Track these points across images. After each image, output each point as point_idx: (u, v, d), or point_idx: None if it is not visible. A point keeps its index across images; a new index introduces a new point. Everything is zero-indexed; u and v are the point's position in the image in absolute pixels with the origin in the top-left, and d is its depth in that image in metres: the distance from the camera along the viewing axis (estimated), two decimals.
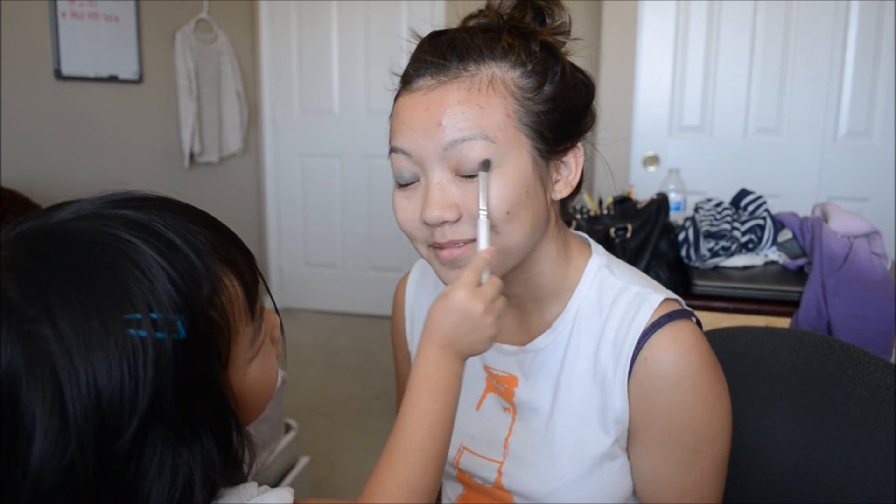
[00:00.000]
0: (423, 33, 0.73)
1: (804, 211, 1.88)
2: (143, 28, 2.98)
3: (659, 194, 1.76)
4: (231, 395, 0.51)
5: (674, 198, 2.03)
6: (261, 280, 0.57)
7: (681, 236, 1.69)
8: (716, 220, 1.72)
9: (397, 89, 0.71)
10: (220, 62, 3.43)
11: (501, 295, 0.64)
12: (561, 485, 0.74)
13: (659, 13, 2.70)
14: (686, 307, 0.76)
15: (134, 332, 0.44)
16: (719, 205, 1.79)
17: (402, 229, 0.72)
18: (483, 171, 0.65)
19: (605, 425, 0.73)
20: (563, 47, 0.72)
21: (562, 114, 0.69)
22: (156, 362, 0.44)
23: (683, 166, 2.32)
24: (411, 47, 0.72)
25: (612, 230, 1.66)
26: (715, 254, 1.67)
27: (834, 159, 2.65)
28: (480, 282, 0.63)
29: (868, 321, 1.48)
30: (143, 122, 3.06)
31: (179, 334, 0.46)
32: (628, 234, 1.65)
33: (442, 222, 0.67)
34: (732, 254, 1.69)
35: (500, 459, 0.79)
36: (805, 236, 1.66)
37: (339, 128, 3.77)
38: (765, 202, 1.77)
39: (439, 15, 3.42)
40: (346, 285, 3.92)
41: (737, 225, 1.70)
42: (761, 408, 0.95)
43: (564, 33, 0.73)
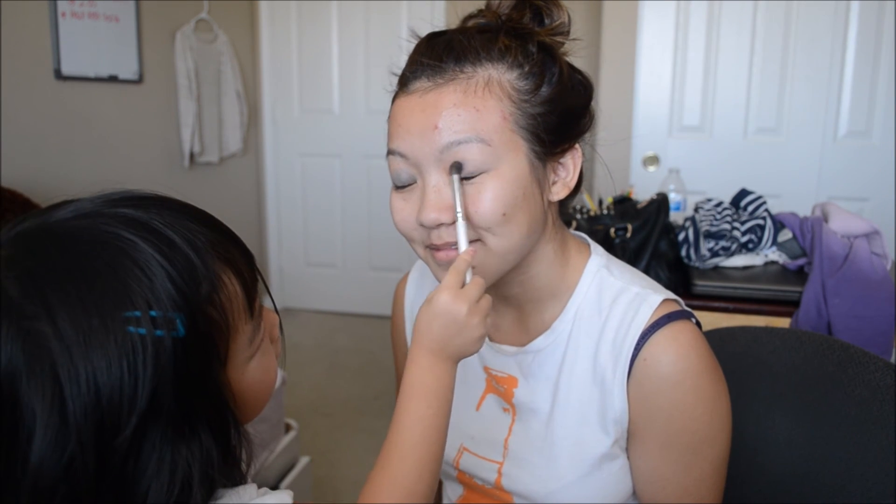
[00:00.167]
0: (423, 33, 0.72)
1: (804, 211, 1.88)
2: (143, 28, 2.98)
3: (659, 194, 1.76)
4: (230, 393, 0.51)
5: (674, 198, 2.03)
6: (260, 279, 0.57)
7: (681, 236, 1.69)
8: (716, 220, 1.72)
9: (394, 91, 0.71)
10: (220, 62, 3.43)
11: (487, 294, 0.64)
12: (561, 485, 0.74)
13: (659, 13, 2.70)
14: (685, 308, 0.75)
15: (133, 329, 0.44)
16: (719, 205, 1.79)
17: (399, 230, 0.72)
18: (455, 174, 0.65)
19: (605, 426, 0.73)
20: (562, 48, 0.72)
21: (559, 115, 0.69)
22: (155, 360, 0.44)
23: (683, 166, 2.32)
24: (410, 47, 0.72)
25: (612, 230, 1.66)
26: (715, 254, 1.67)
27: (834, 159, 2.64)
28: (465, 283, 0.63)
29: (868, 321, 1.48)
30: (143, 122, 3.06)
31: (179, 332, 0.46)
32: (628, 234, 1.65)
33: (438, 224, 0.67)
34: (732, 254, 1.69)
35: (499, 460, 0.79)
36: (805, 236, 1.66)
37: (339, 128, 3.77)
38: (765, 202, 1.77)
39: (439, 15, 3.42)
40: (346, 285, 3.92)
41: (737, 225, 1.70)
42: (761, 408, 0.95)
43: (563, 34, 0.72)
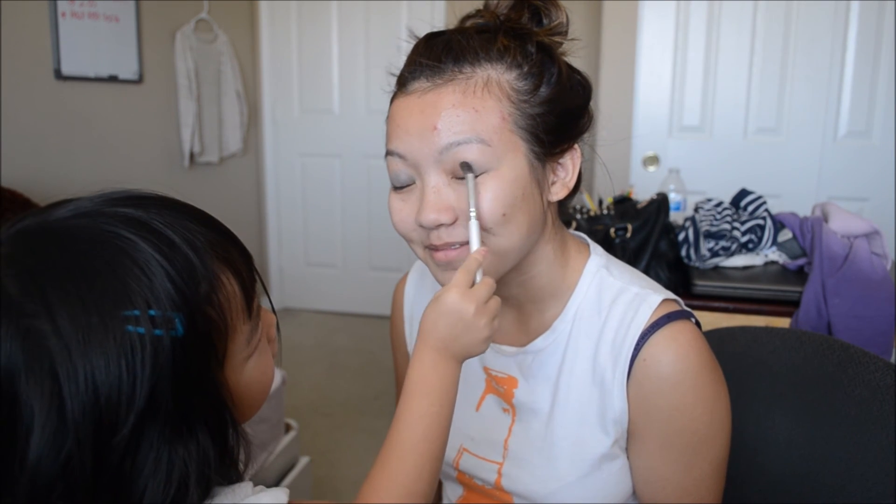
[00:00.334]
0: (422, 34, 0.72)
1: (804, 211, 1.88)
2: (143, 28, 2.98)
3: (659, 194, 1.76)
4: (227, 392, 0.51)
5: (674, 198, 2.03)
6: (258, 279, 0.57)
7: (681, 236, 1.69)
8: (716, 220, 1.72)
9: (393, 91, 0.71)
10: (220, 62, 3.43)
11: (496, 296, 0.64)
12: (561, 485, 0.74)
13: (659, 13, 2.70)
14: (685, 308, 0.75)
15: (132, 328, 0.44)
16: (719, 205, 1.79)
17: (398, 231, 0.72)
18: (469, 173, 0.65)
19: (605, 426, 0.73)
20: (561, 48, 0.72)
21: (558, 116, 0.69)
22: (153, 359, 0.44)
23: (683, 166, 2.32)
24: (409, 48, 0.72)
25: (612, 230, 1.66)
26: (715, 254, 1.67)
27: (834, 159, 2.64)
28: (474, 283, 0.63)
29: (868, 321, 1.48)
30: (143, 122, 3.06)
31: (177, 331, 0.46)
32: (628, 234, 1.65)
33: (438, 225, 0.67)
34: (732, 254, 1.69)
35: (499, 460, 0.79)
36: (805, 236, 1.66)
37: (339, 128, 3.77)
38: (765, 202, 1.77)
39: (439, 15, 3.42)
40: (346, 285, 3.92)
41: (737, 225, 1.70)
42: (761, 408, 0.95)
43: (561, 34, 0.72)
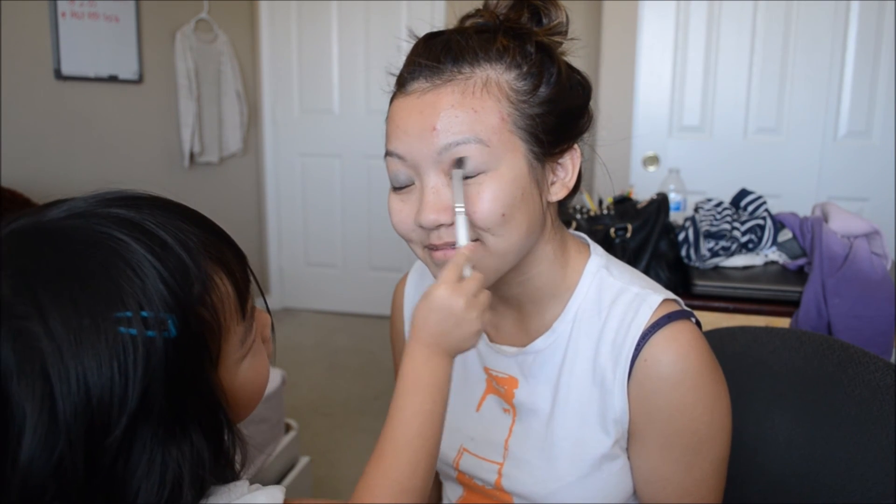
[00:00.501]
0: (422, 33, 0.72)
1: (804, 211, 1.88)
2: (143, 28, 2.98)
3: (659, 194, 1.76)
4: (221, 393, 0.51)
5: (674, 198, 2.03)
6: (252, 279, 0.57)
7: (681, 236, 1.69)
8: (716, 220, 1.72)
9: (393, 91, 0.71)
10: (220, 62, 3.43)
11: (486, 290, 0.64)
12: (561, 486, 0.74)
13: (659, 13, 2.70)
14: (685, 307, 0.75)
15: (124, 329, 0.44)
16: (719, 205, 1.78)
17: (398, 231, 0.72)
18: (456, 169, 0.65)
19: (605, 426, 0.73)
20: (560, 48, 0.72)
21: (558, 116, 0.69)
22: (146, 360, 0.44)
23: (683, 166, 2.32)
24: (409, 48, 0.71)
25: (612, 230, 1.66)
26: (715, 254, 1.67)
27: (834, 159, 2.64)
28: (463, 278, 0.63)
29: (868, 321, 1.48)
30: (143, 122, 3.06)
31: (170, 332, 0.46)
32: (628, 234, 1.65)
33: (437, 225, 0.67)
34: (732, 254, 1.69)
35: (499, 461, 0.79)
36: (805, 236, 1.66)
37: (339, 128, 3.77)
38: (765, 202, 1.77)
39: (439, 15, 3.42)
40: (346, 285, 3.92)
41: (737, 225, 1.70)
42: (761, 408, 0.95)
43: (561, 33, 0.72)
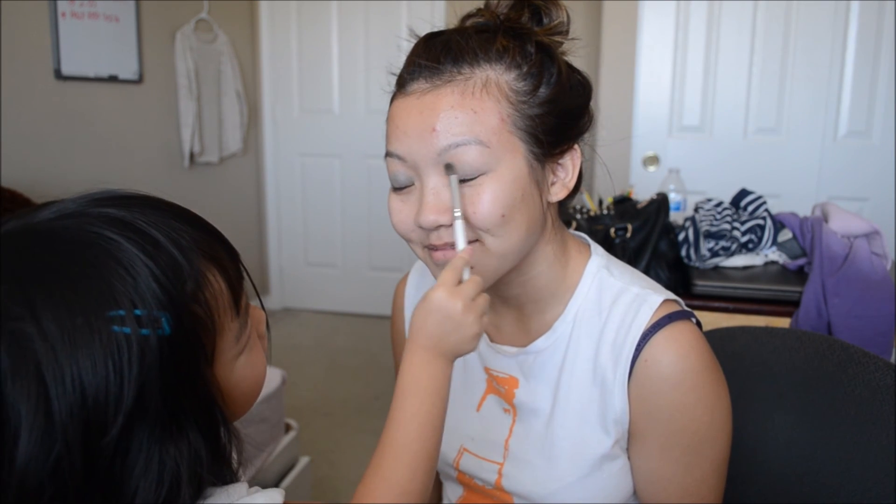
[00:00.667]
0: (422, 33, 0.72)
1: (804, 211, 1.88)
2: (143, 28, 2.98)
3: (659, 194, 1.76)
4: (217, 390, 0.51)
5: (674, 198, 2.03)
6: (246, 276, 0.57)
7: (681, 236, 1.69)
8: (716, 220, 1.72)
9: (393, 91, 0.71)
10: (220, 62, 3.43)
11: (484, 293, 0.64)
12: (561, 486, 0.74)
13: (659, 13, 2.70)
14: (686, 308, 0.75)
15: (118, 328, 0.44)
16: (719, 205, 1.79)
17: (398, 231, 0.72)
18: (451, 174, 0.65)
19: (606, 426, 0.73)
20: (561, 47, 0.72)
21: (558, 117, 0.69)
22: (140, 359, 0.44)
23: (683, 166, 2.32)
24: (409, 47, 0.71)
25: (612, 230, 1.66)
26: (715, 254, 1.67)
27: (834, 159, 2.64)
28: (462, 281, 0.63)
29: (868, 321, 1.48)
30: (143, 122, 3.06)
31: (164, 330, 0.46)
32: (628, 234, 1.65)
33: (437, 226, 0.67)
34: (732, 254, 1.69)
35: (500, 461, 0.79)
36: (805, 236, 1.66)
37: (339, 128, 3.77)
38: (765, 202, 1.77)
39: (439, 15, 3.42)
40: (346, 285, 3.92)
41: (737, 225, 1.70)
42: (761, 408, 0.95)
43: (562, 33, 0.72)
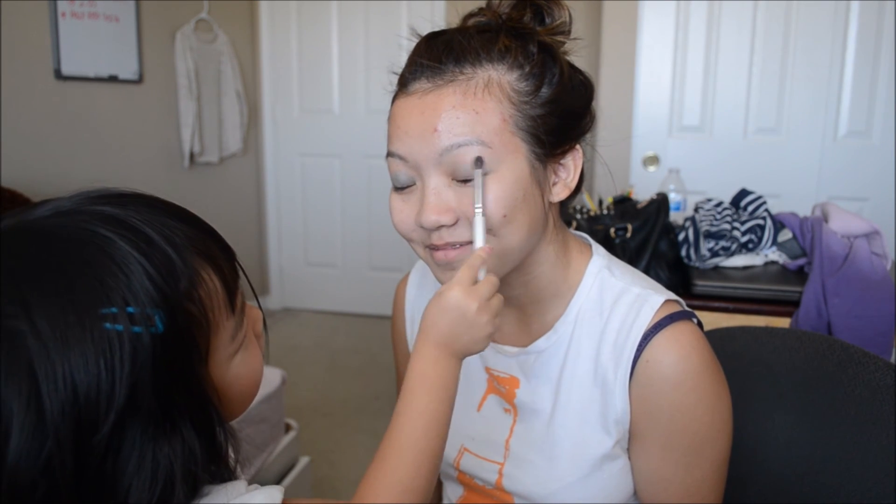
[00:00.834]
0: (424, 32, 0.72)
1: (804, 211, 1.88)
2: (143, 28, 2.98)
3: (659, 194, 1.76)
4: (212, 389, 0.51)
5: (674, 198, 2.03)
6: (243, 275, 0.56)
7: (681, 236, 1.69)
8: (716, 220, 1.72)
9: (394, 91, 0.71)
10: (220, 62, 3.43)
11: (498, 294, 0.64)
12: (562, 486, 0.74)
13: (659, 13, 2.70)
14: (687, 308, 0.75)
15: (110, 326, 0.44)
16: (719, 205, 1.79)
17: (399, 231, 0.72)
18: (477, 169, 0.64)
19: (606, 426, 0.73)
20: (563, 47, 0.72)
21: (559, 117, 0.68)
22: (133, 356, 0.44)
23: (683, 166, 2.32)
24: (411, 46, 0.71)
25: (612, 230, 1.66)
26: (715, 254, 1.67)
27: (834, 159, 2.64)
28: (477, 280, 0.63)
29: (868, 321, 1.48)
30: (143, 122, 3.06)
31: (157, 328, 0.45)
32: (628, 234, 1.65)
33: (438, 226, 0.67)
34: (732, 254, 1.69)
35: (500, 461, 0.79)
36: (805, 236, 1.66)
37: (339, 128, 3.77)
38: (765, 202, 1.77)
39: (439, 15, 3.42)
40: (346, 285, 3.92)
41: (737, 225, 1.70)
42: (761, 408, 0.95)
43: (564, 33, 0.72)
